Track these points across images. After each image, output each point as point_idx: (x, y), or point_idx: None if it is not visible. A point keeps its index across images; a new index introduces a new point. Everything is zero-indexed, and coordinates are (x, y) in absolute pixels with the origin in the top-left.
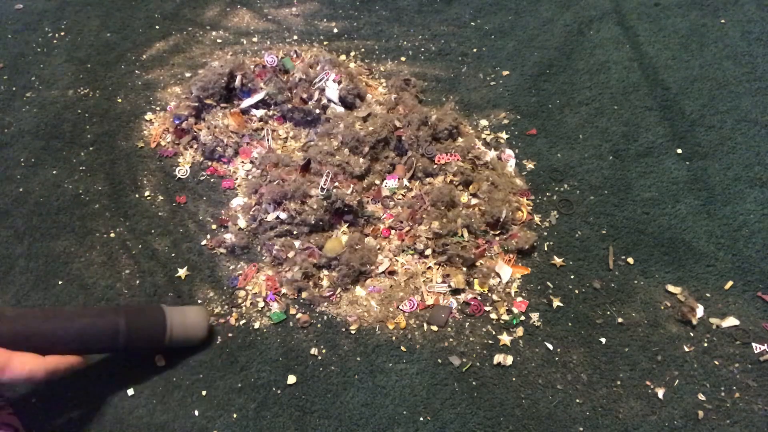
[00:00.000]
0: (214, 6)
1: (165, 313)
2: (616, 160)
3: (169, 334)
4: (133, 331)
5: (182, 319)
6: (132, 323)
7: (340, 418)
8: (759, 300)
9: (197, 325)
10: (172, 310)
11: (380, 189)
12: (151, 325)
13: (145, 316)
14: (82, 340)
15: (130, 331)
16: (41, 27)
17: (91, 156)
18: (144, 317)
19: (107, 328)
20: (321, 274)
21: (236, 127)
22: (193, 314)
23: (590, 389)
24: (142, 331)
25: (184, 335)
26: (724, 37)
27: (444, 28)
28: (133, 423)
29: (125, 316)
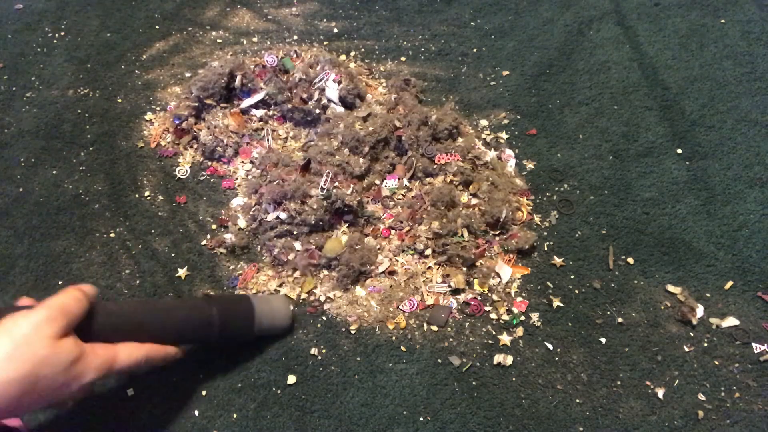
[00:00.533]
0: (214, 6)
1: (252, 303)
2: (616, 160)
3: (258, 323)
4: (225, 322)
5: (269, 309)
6: (224, 314)
7: (340, 418)
8: (759, 300)
9: (282, 314)
10: (258, 300)
11: (380, 189)
12: (241, 316)
13: (236, 306)
14: (179, 332)
15: (223, 322)
16: (41, 27)
17: (91, 156)
18: (234, 308)
19: (202, 320)
20: (321, 274)
21: (236, 127)
22: (277, 303)
23: (590, 389)
24: (234, 321)
25: (270, 324)
26: (724, 37)
27: (444, 28)
28: (133, 423)
29: (218, 307)
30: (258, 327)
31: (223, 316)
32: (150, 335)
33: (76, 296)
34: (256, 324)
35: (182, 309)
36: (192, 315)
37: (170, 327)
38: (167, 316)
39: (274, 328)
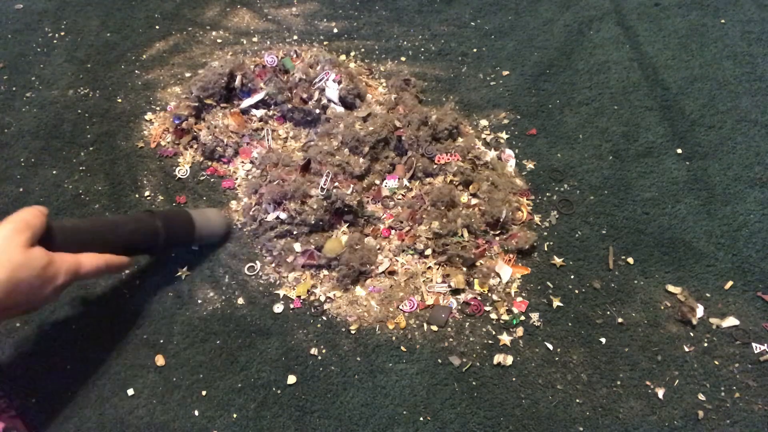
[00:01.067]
0: (214, 6)
1: (192, 215)
2: (616, 160)
3: (198, 233)
4: (169, 232)
5: (206, 219)
6: (168, 225)
7: (340, 418)
8: (759, 300)
9: (218, 223)
10: (195, 213)
11: (380, 189)
12: (183, 226)
13: (177, 218)
14: (130, 243)
15: (167, 232)
16: (41, 27)
17: (91, 156)
18: (176, 220)
19: (148, 232)
20: (321, 274)
21: (236, 127)
22: (213, 214)
23: (590, 389)
24: (177, 231)
25: (209, 233)
26: (724, 37)
27: (444, 28)
28: (133, 423)
29: (162, 220)
30: (198, 235)
31: (167, 227)
32: (104, 247)
33: (34, 212)
34: (196, 233)
35: (131, 223)
36: (140, 227)
37: (122, 239)
38: (118, 230)
39: (213, 236)
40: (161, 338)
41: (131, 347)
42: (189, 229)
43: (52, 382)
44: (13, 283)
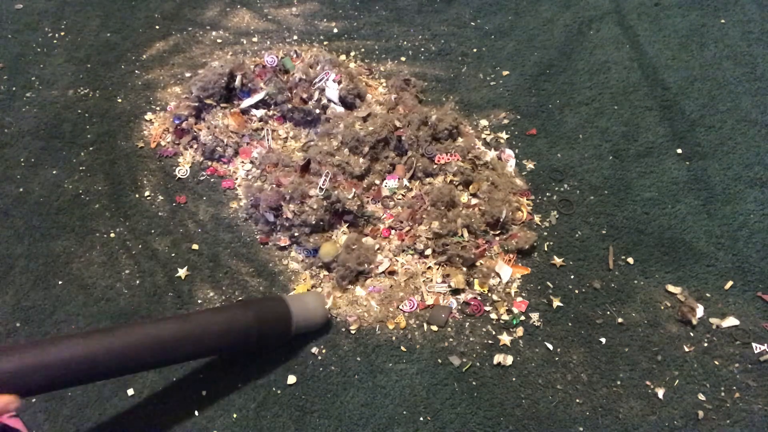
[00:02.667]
0: (214, 6)
1: (288, 304)
2: (616, 160)
3: (295, 324)
4: (264, 329)
5: (304, 308)
6: (262, 321)
7: (340, 418)
8: (759, 300)
9: (317, 312)
10: (293, 300)
11: (380, 189)
12: (278, 320)
13: (272, 310)
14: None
15: (261, 329)
16: (41, 27)
17: (91, 156)
18: (271, 312)
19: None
20: (321, 274)
21: (236, 127)
22: (312, 301)
23: (590, 389)
24: (272, 326)
25: (305, 323)
26: (724, 37)
27: (444, 28)
28: (133, 423)
29: (255, 314)
30: (295, 327)
31: (261, 324)
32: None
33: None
34: (293, 325)
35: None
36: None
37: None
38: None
39: (310, 326)
40: None
41: None
42: (286, 323)
43: None
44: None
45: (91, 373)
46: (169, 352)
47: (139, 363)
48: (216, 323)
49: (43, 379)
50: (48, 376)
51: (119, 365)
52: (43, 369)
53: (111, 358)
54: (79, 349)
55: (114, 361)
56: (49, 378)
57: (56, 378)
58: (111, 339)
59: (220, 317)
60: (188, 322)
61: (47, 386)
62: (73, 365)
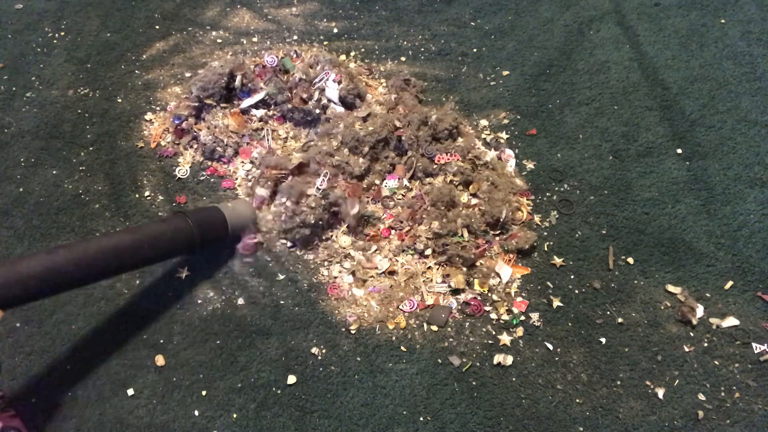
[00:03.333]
0: (214, 6)
1: (221, 210)
2: (616, 160)
3: (231, 226)
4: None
5: (235, 212)
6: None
7: (340, 418)
8: (759, 300)
9: (246, 213)
10: (224, 207)
11: (380, 189)
12: (216, 223)
13: (209, 217)
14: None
15: (203, 233)
16: (41, 27)
17: (91, 156)
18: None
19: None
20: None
21: (236, 127)
22: (240, 205)
23: (590, 389)
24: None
25: (239, 224)
26: (724, 37)
27: (444, 28)
28: (133, 423)
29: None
30: (231, 229)
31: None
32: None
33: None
34: (230, 227)
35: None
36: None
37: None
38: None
39: (244, 227)
40: (161, 338)
41: (131, 347)
42: (222, 224)
43: (52, 382)
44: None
45: (60, 282)
46: (127, 259)
47: (100, 271)
48: (164, 231)
49: (20, 290)
50: (24, 288)
51: (84, 274)
52: (19, 282)
53: (76, 268)
54: (47, 262)
55: (80, 271)
56: (25, 289)
57: (31, 289)
58: (74, 251)
59: (167, 226)
60: (139, 232)
61: (23, 297)
62: (44, 277)
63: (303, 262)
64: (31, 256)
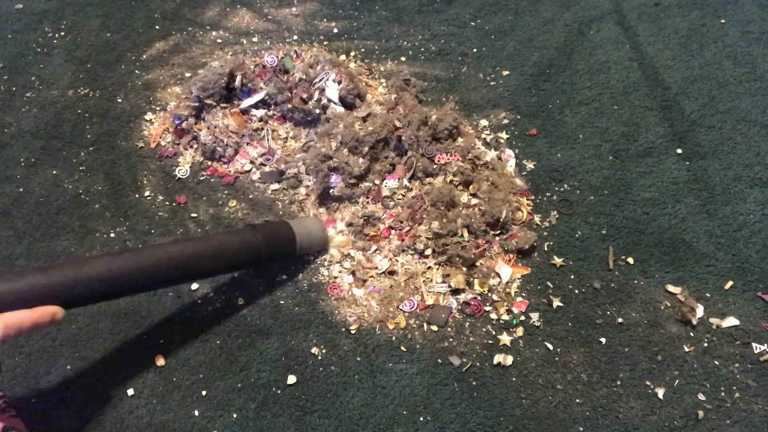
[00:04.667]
0: (214, 6)
1: (292, 227)
2: (616, 160)
3: (299, 245)
4: (272, 249)
5: (306, 231)
6: (271, 242)
7: (340, 418)
8: (759, 300)
9: (318, 234)
10: (296, 224)
11: (380, 189)
12: (284, 241)
13: (278, 233)
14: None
15: (270, 249)
16: (41, 27)
17: (91, 156)
18: (277, 235)
19: (251, 249)
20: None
21: (236, 127)
22: (312, 224)
23: (590, 389)
24: (279, 247)
25: (308, 245)
26: (724, 37)
27: (444, 28)
28: (133, 423)
29: (263, 236)
30: (299, 248)
31: (268, 243)
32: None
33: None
34: (297, 246)
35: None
36: (243, 248)
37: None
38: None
39: (313, 248)
40: (161, 338)
41: (131, 347)
42: (290, 242)
43: (53, 383)
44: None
45: (123, 286)
46: (191, 269)
47: (164, 278)
48: (230, 243)
49: (83, 291)
50: (87, 289)
51: (148, 280)
52: (83, 283)
53: (140, 273)
54: (112, 265)
55: (143, 277)
56: (88, 290)
57: (94, 290)
58: (140, 256)
59: (234, 238)
60: (205, 242)
61: (86, 299)
62: (107, 280)
63: (303, 262)
64: (97, 258)
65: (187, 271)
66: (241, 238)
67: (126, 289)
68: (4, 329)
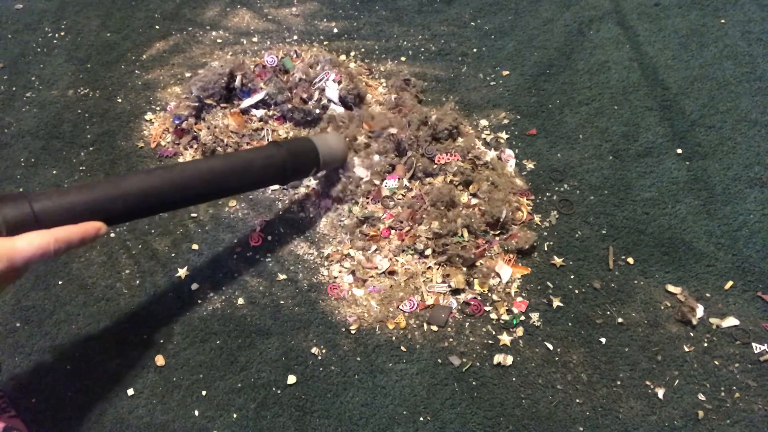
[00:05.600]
0: (214, 6)
1: (314, 142)
2: (616, 160)
3: (322, 158)
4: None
5: (327, 145)
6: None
7: (340, 418)
8: (759, 300)
9: (339, 147)
10: (318, 139)
11: (380, 189)
12: (308, 154)
13: (302, 147)
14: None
15: (295, 163)
16: (41, 27)
17: (91, 156)
18: (301, 149)
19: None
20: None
21: (236, 127)
22: (333, 139)
23: (590, 389)
24: (303, 161)
25: (331, 158)
26: (724, 37)
27: (444, 28)
28: (133, 423)
29: (287, 150)
30: (323, 162)
31: (294, 158)
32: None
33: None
34: (321, 161)
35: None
36: (269, 163)
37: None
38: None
39: (335, 162)
40: (161, 338)
41: (131, 347)
42: (313, 156)
43: (52, 382)
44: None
45: (157, 202)
46: (221, 184)
47: (196, 193)
48: (257, 159)
49: (121, 207)
50: (125, 204)
51: (180, 195)
52: (121, 199)
53: (172, 188)
54: (146, 180)
55: (175, 192)
56: (126, 205)
57: (132, 207)
58: (172, 173)
59: (260, 154)
60: (235, 158)
61: (125, 215)
62: (143, 195)
63: (303, 262)
64: (133, 175)
65: (217, 186)
66: (267, 153)
67: (161, 205)
68: (55, 243)
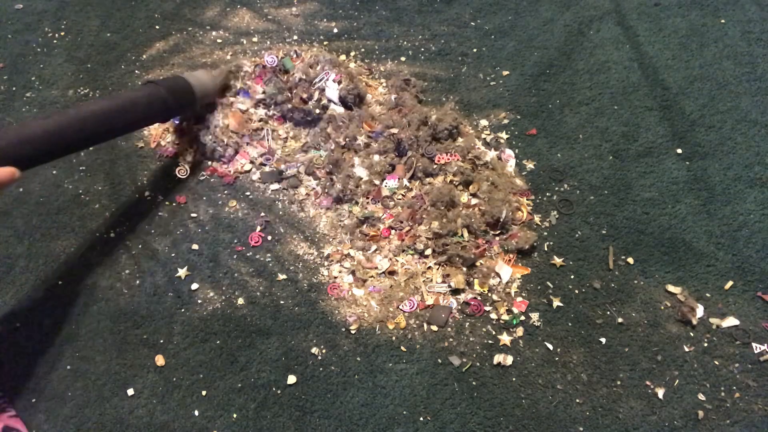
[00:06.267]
0: (214, 6)
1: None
2: (616, 160)
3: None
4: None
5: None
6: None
7: (340, 418)
8: (759, 300)
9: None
10: (189, 76)
11: (380, 189)
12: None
13: (179, 85)
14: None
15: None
16: (41, 27)
17: (91, 156)
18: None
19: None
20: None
21: (236, 127)
22: (202, 76)
23: (590, 389)
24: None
25: (204, 93)
26: (724, 37)
27: (444, 28)
28: (133, 423)
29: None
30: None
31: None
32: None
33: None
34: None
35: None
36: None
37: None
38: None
39: (209, 95)
40: (161, 338)
41: (131, 347)
42: (190, 93)
43: (52, 382)
44: None
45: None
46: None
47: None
48: (141, 97)
49: (29, 152)
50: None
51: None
52: (27, 142)
53: (74, 131)
54: (45, 125)
55: (77, 133)
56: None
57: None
58: (69, 116)
59: (142, 92)
60: (123, 98)
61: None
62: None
63: (303, 262)
64: (31, 121)
65: (112, 124)
66: (148, 91)
67: (66, 146)
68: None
